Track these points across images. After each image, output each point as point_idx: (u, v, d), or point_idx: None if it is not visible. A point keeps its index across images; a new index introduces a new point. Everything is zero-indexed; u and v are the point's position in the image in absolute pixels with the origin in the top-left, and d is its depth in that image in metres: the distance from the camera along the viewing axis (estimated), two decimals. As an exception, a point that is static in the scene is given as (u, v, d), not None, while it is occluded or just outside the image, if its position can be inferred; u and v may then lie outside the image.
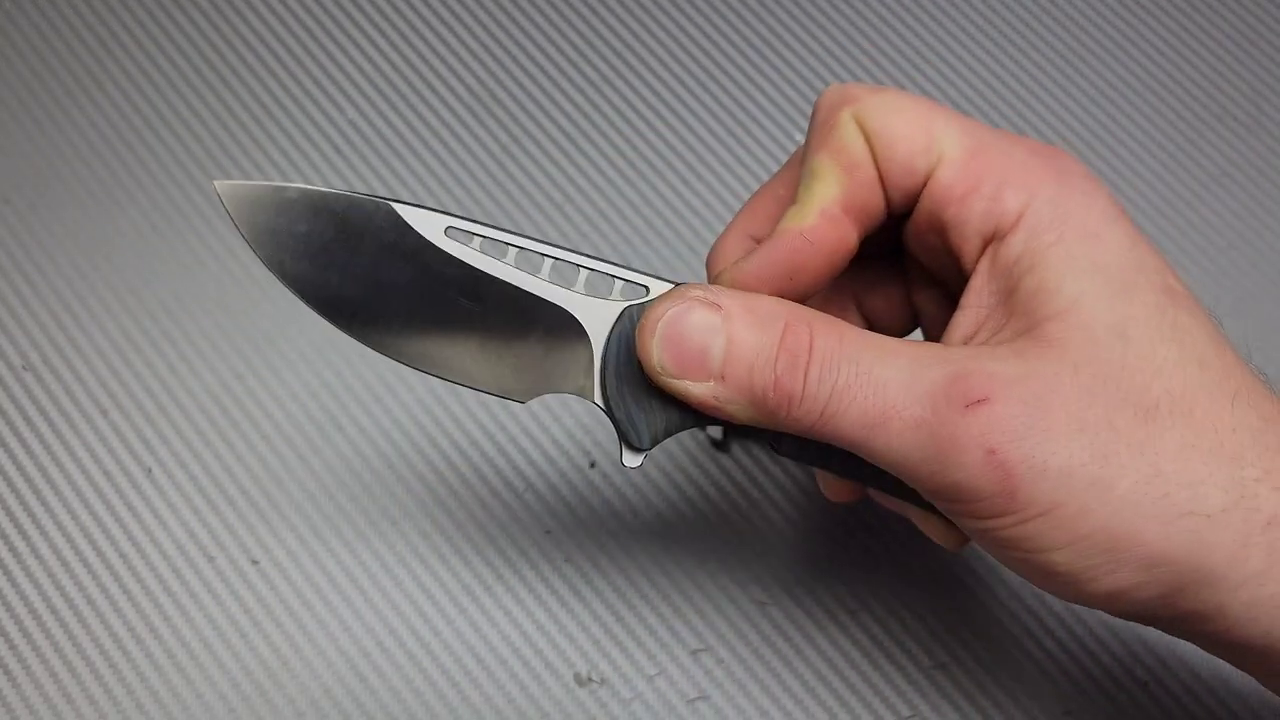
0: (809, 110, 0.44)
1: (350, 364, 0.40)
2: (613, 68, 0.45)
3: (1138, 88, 0.45)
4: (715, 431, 0.38)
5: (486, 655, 0.36)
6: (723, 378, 0.24)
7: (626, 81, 0.45)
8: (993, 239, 0.25)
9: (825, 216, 0.26)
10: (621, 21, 0.46)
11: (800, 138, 0.44)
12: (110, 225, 0.42)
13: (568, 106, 0.44)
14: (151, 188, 0.42)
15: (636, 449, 0.27)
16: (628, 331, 0.26)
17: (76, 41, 0.45)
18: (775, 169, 0.43)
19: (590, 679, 0.36)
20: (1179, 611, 0.24)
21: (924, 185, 0.26)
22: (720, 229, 0.42)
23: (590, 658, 0.36)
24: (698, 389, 0.25)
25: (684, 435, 0.39)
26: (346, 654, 0.36)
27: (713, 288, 0.25)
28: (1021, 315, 0.24)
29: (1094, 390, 0.23)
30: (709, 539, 0.38)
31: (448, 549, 0.37)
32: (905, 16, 0.46)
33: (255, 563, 0.37)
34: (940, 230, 0.26)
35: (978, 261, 0.25)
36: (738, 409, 0.25)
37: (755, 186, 0.43)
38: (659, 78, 0.45)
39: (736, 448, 0.39)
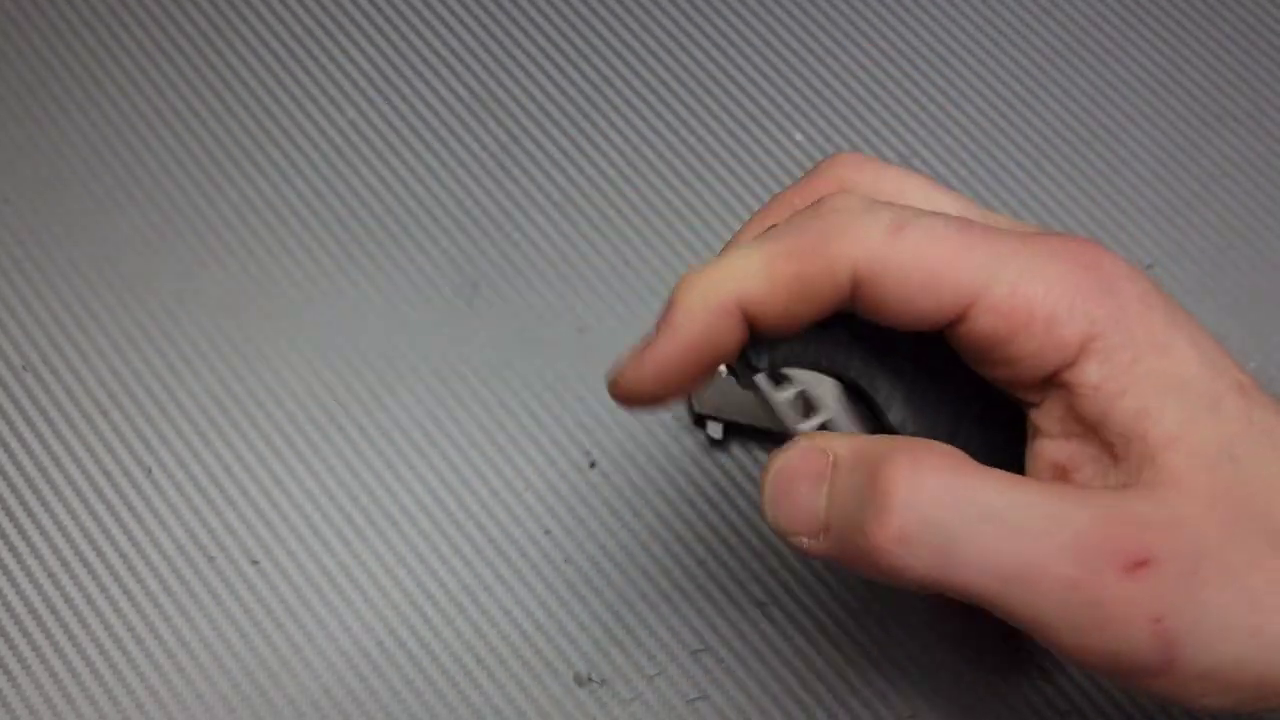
0: (810, 110, 0.44)
1: (350, 365, 0.40)
2: (613, 68, 0.45)
3: (1137, 87, 0.45)
4: (715, 431, 0.38)
5: (486, 655, 0.36)
6: (828, 529, 0.23)
7: (626, 81, 0.45)
8: (1057, 372, 0.23)
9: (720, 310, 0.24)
10: (621, 21, 0.46)
11: (800, 137, 0.44)
12: (110, 225, 0.42)
13: (568, 106, 0.44)
14: (152, 188, 0.42)
15: (753, 366, 0.25)
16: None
17: (77, 41, 0.45)
18: (775, 169, 0.43)
19: (590, 679, 0.36)
20: None
21: (951, 322, 0.23)
22: (720, 229, 0.42)
23: (590, 658, 0.36)
24: (809, 545, 0.24)
25: (683, 435, 0.39)
26: (346, 654, 0.36)
27: (828, 434, 0.24)
28: (1127, 443, 0.22)
29: (1234, 530, 0.21)
30: (709, 539, 0.38)
31: (447, 549, 0.37)
32: (905, 16, 0.46)
33: (255, 563, 0.37)
34: (989, 364, 0.24)
35: (1044, 391, 0.23)
36: (851, 563, 0.23)
37: (755, 187, 0.43)
38: (659, 77, 0.45)
39: (736, 447, 0.39)
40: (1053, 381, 0.23)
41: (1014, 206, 0.43)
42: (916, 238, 0.23)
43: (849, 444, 0.23)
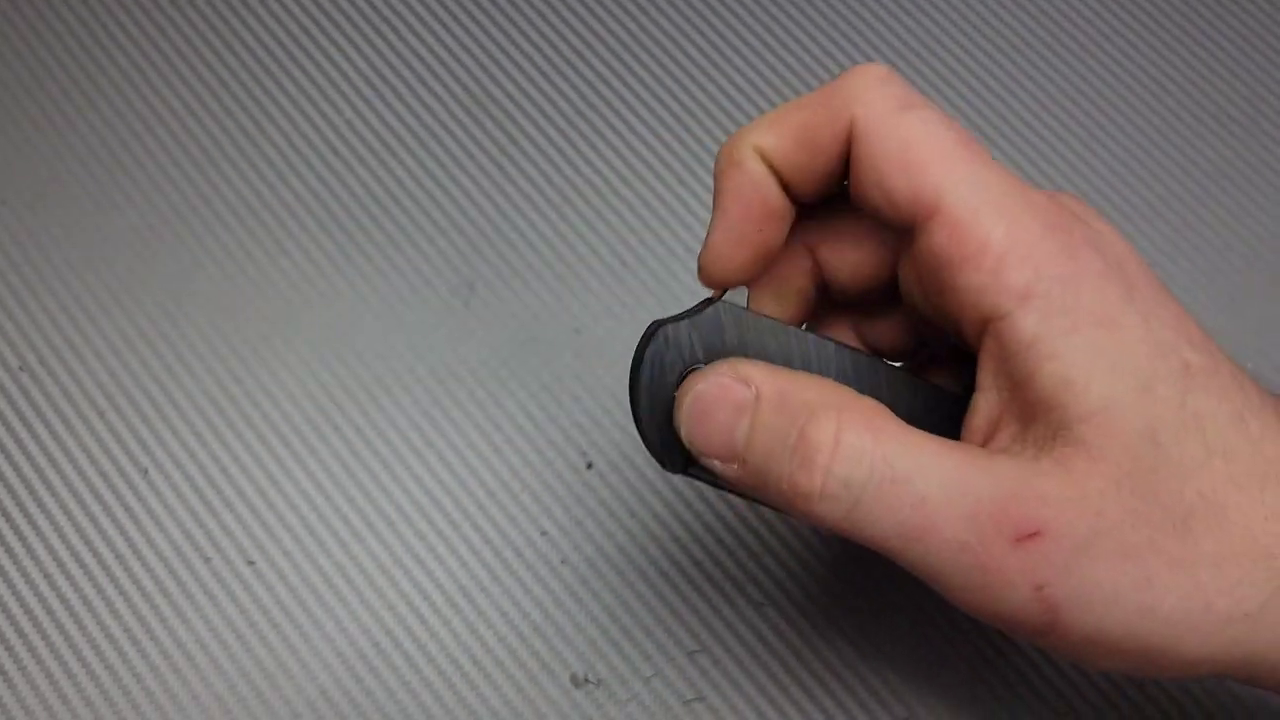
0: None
1: (347, 365, 0.40)
2: (610, 68, 0.45)
3: (1134, 87, 0.45)
4: None
5: (483, 657, 0.36)
6: (745, 462, 0.24)
7: (623, 81, 0.45)
8: (993, 318, 0.23)
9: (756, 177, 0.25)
10: (619, 21, 0.46)
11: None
12: (107, 226, 0.42)
13: (564, 107, 0.44)
14: (149, 188, 0.42)
15: (671, 472, 0.26)
16: (662, 352, 0.26)
17: (74, 41, 0.45)
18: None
19: (587, 680, 0.36)
20: (1223, 678, 0.24)
21: (914, 230, 0.24)
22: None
23: (587, 659, 0.36)
24: (722, 468, 0.24)
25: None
26: (343, 655, 0.36)
27: (749, 364, 0.24)
28: (1047, 411, 0.22)
29: (1137, 510, 0.22)
30: (705, 540, 0.38)
31: (444, 550, 0.37)
32: (904, 17, 0.46)
33: (252, 564, 0.37)
34: (935, 291, 0.24)
35: (981, 337, 0.23)
36: (762, 495, 0.24)
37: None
38: (656, 78, 0.45)
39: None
40: (988, 330, 0.23)
41: (1011, 207, 0.43)
42: (918, 121, 0.23)
43: (772, 381, 0.24)
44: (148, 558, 0.37)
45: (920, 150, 0.23)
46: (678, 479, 0.38)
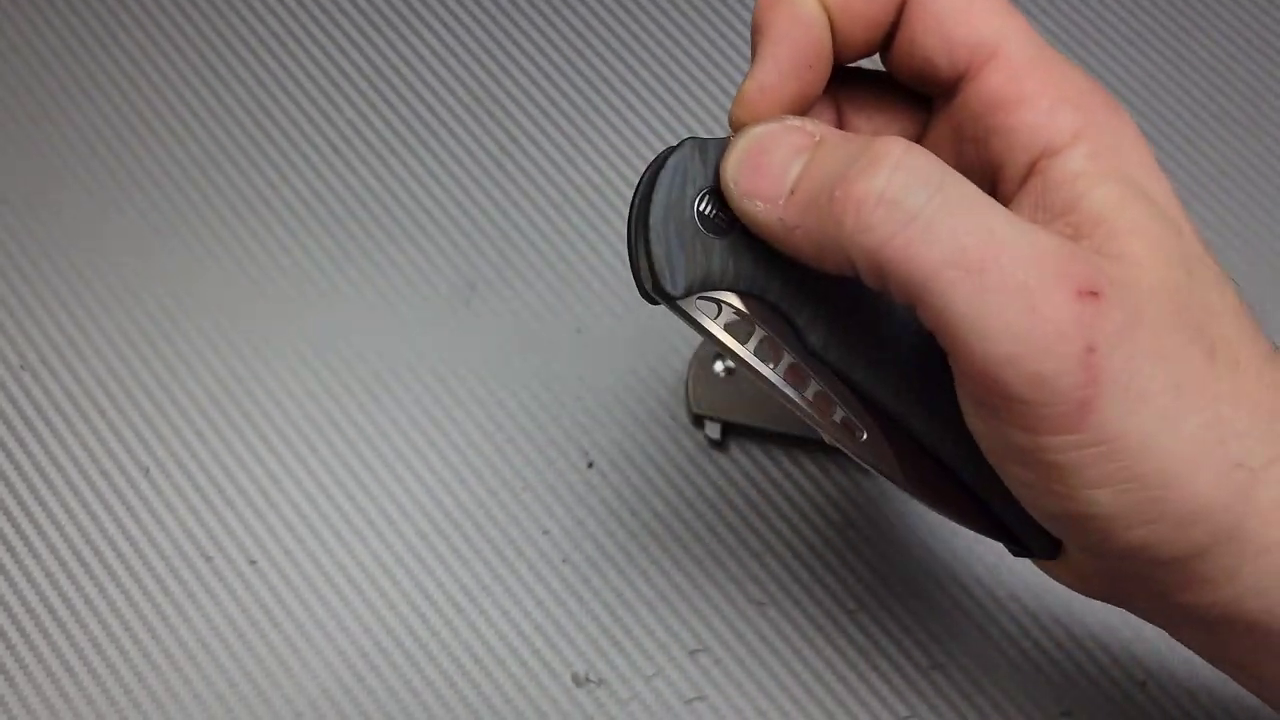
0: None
1: (348, 364, 0.40)
2: (610, 67, 0.45)
3: (1136, 87, 0.45)
4: (713, 431, 0.38)
5: (484, 656, 0.36)
6: (792, 193, 0.22)
7: (624, 81, 0.45)
8: (1042, 155, 0.23)
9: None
10: (620, 21, 0.46)
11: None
12: (108, 225, 0.42)
13: (565, 106, 0.44)
14: (150, 187, 0.42)
15: (668, 294, 0.24)
16: (687, 161, 0.24)
17: (74, 40, 0.45)
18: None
19: (588, 679, 0.36)
20: (1189, 576, 0.22)
21: (962, 81, 0.24)
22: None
23: (588, 658, 0.36)
24: (764, 213, 0.23)
25: (682, 436, 0.39)
26: (344, 654, 0.36)
27: (814, 121, 0.24)
28: (1094, 227, 0.22)
29: (1174, 316, 0.22)
30: (707, 539, 0.38)
31: (445, 549, 0.37)
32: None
33: (253, 563, 0.37)
34: (982, 136, 0.24)
35: (1028, 175, 0.23)
36: (798, 234, 0.22)
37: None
38: (657, 77, 0.45)
39: (735, 448, 0.39)
40: (1035, 169, 0.23)
41: (1012, 206, 0.43)
42: None
43: (834, 130, 0.23)
44: (149, 556, 0.37)
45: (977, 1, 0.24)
46: (678, 478, 0.38)
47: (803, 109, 0.25)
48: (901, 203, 0.21)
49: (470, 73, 0.45)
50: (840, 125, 0.27)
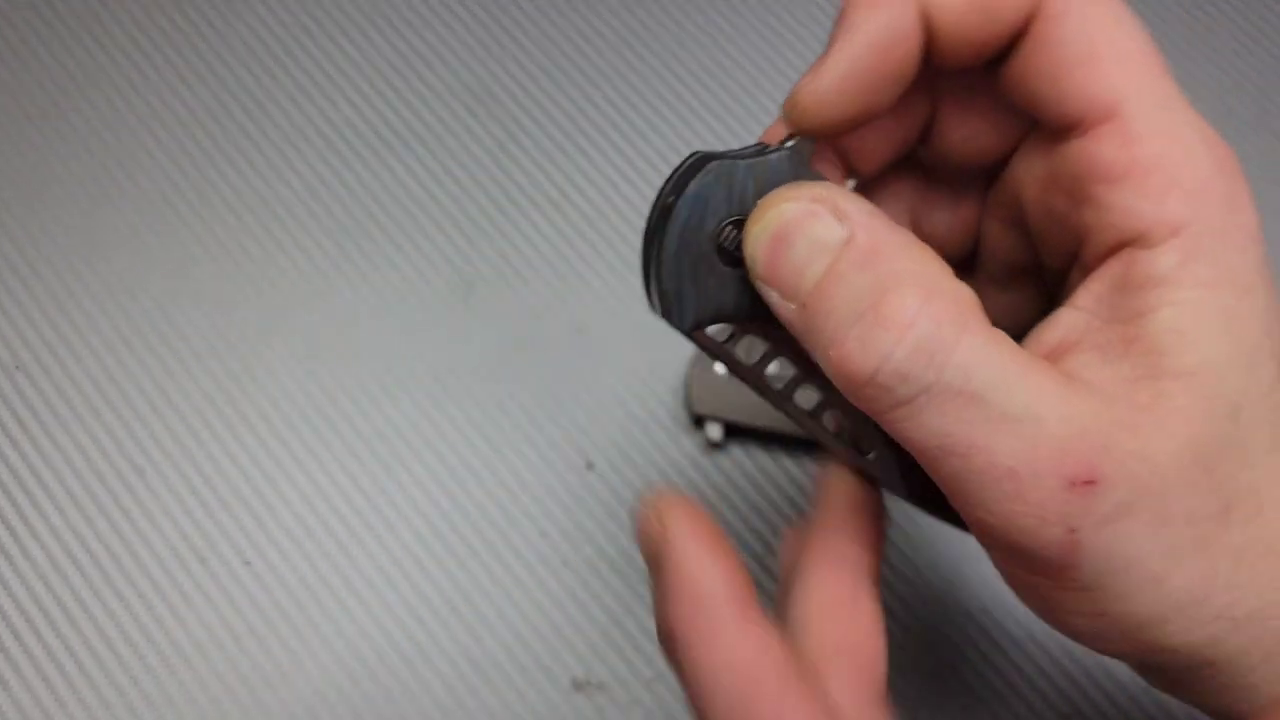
0: (809, 108, 0.44)
1: (345, 364, 0.40)
2: (610, 64, 0.45)
3: (1141, 86, 0.45)
4: (714, 432, 0.38)
5: (482, 660, 0.36)
6: (805, 306, 0.21)
7: (624, 78, 0.45)
8: (1132, 240, 0.21)
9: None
10: (619, 18, 0.46)
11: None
12: (103, 223, 0.41)
13: (564, 103, 0.44)
14: (145, 185, 0.42)
15: (676, 326, 0.23)
16: (710, 190, 0.22)
17: (70, 38, 0.44)
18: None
19: (588, 683, 0.36)
20: (1174, 683, 0.23)
21: (1072, 132, 0.22)
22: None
23: (587, 662, 0.36)
24: (778, 305, 0.22)
25: (682, 436, 0.39)
26: (340, 657, 0.36)
27: (848, 197, 0.22)
28: (1144, 353, 0.21)
29: (1194, 481, 0.21)
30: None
31: (443, 551, 0.37)
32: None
33: (248, 564, 0.37)
34: (1075, 199, 0.22)
35: (1105, 259, 0.22)
36: (807, 343, 0.22)
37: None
38: (657, 74, 0.45)
39: (735, 449, 0.39)
40: (1119, 254, 0.21)
41: (1016, 206, 0.43)
42: (1110, 13, 0.22)
43: (869, 228, 0.21)
44: (144, 558, 0.37)
45: (1109, 46, 0.22)
46: (679, 480, 0.38)
47: (867, 118, 0.23)
48: (892, 388, 0.20)
49: (469, 70, 0.44)
50: (933, 123, 0.25)
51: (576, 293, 0.41)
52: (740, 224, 0.22)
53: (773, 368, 0.25)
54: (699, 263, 0.23)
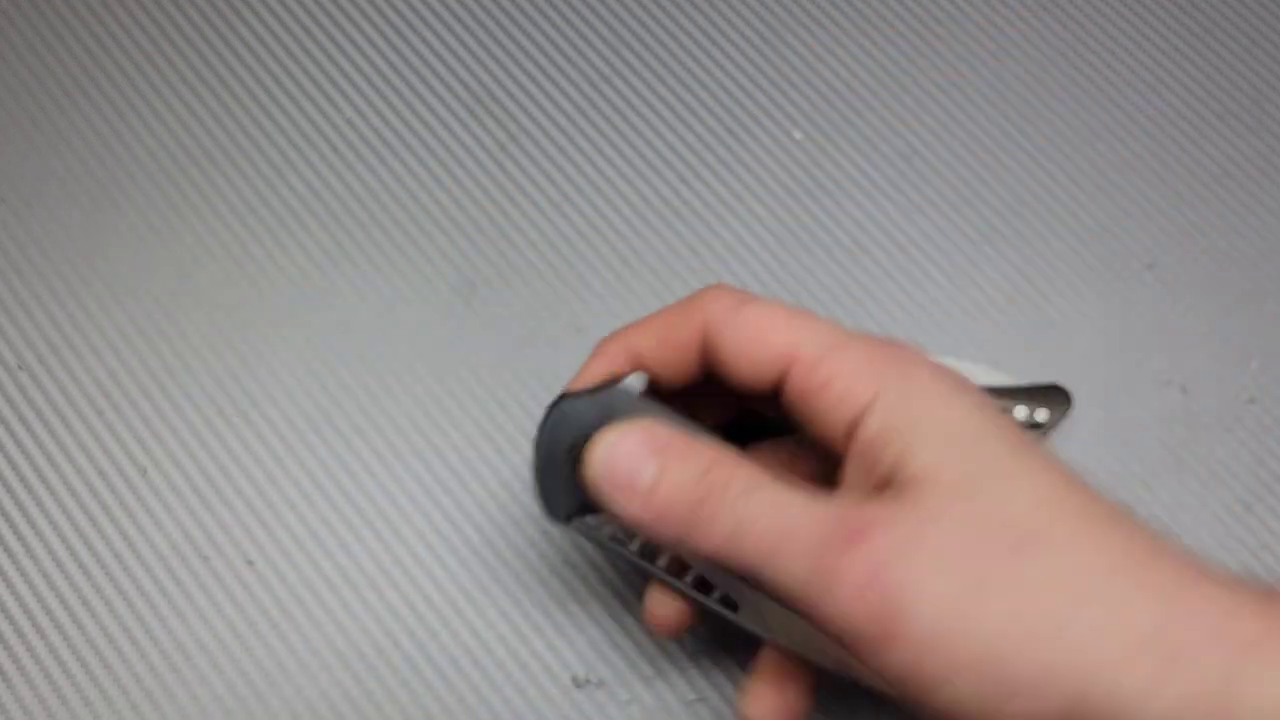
0: (809, 109, 0.44)
1: (346, 364, 0.40)
2: (611, 66, 0.45)
3: (1139, 86, 0.45)
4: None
5: (483, 658, 0.36)
6: (648, 500, 0.27)
7: (625, 79, 0.45)
8: (851, 426, 0.27)
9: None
10: (619, 19, 0.46)
11: (800, 135, 0.44)
12: (106, 224, 0.42)
13: (565, 105, 0.44)
14: (148, 186, 0.42)
15: (554, 520, 0.31)
16: (560, 422, 0.30)
17: (72, 39, 0.45)
18: (774, 168, 0.43)
19: (588, 681, 0.36)
20: None
21: (777, 381, 0.29)
22: (719, 228, 0.42)
23: (587, 660, 0.36)
24: (625, 508, 0.28)
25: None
26: (342, 656, 0.36)
27: (650, 425, 0.28)
28: (885, 483, 0.26)
29: (965, 527, 0.24)
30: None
31: (444, 550, 0.37)
32: (906, 16, 0.46)
33: (251, 563, 0.37)
34: (807, 422, 0.29)
35: (849, 440, 0.27)
36: (658, 528, 0.27)
37: (754, 186, 0.43)
38: (657, 75, 0.45)
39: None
40: (851, 436, 0.27)
41: (1013, 206, 0.43)
42: (753, 311, 0.29)
43: (678, 441, 0.28)
44: (146, 557, 0.37)
45: (767, 325, 0.29)
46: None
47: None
48: (729, 519, 0.26)
49: (470, 71, 0.45)
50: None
51: (577, 293, 0.41)
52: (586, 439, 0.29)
53: (634, 545, 0.32)
54: (558, 473, 0.30)
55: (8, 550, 0.37)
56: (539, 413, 0.39)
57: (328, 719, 0.35)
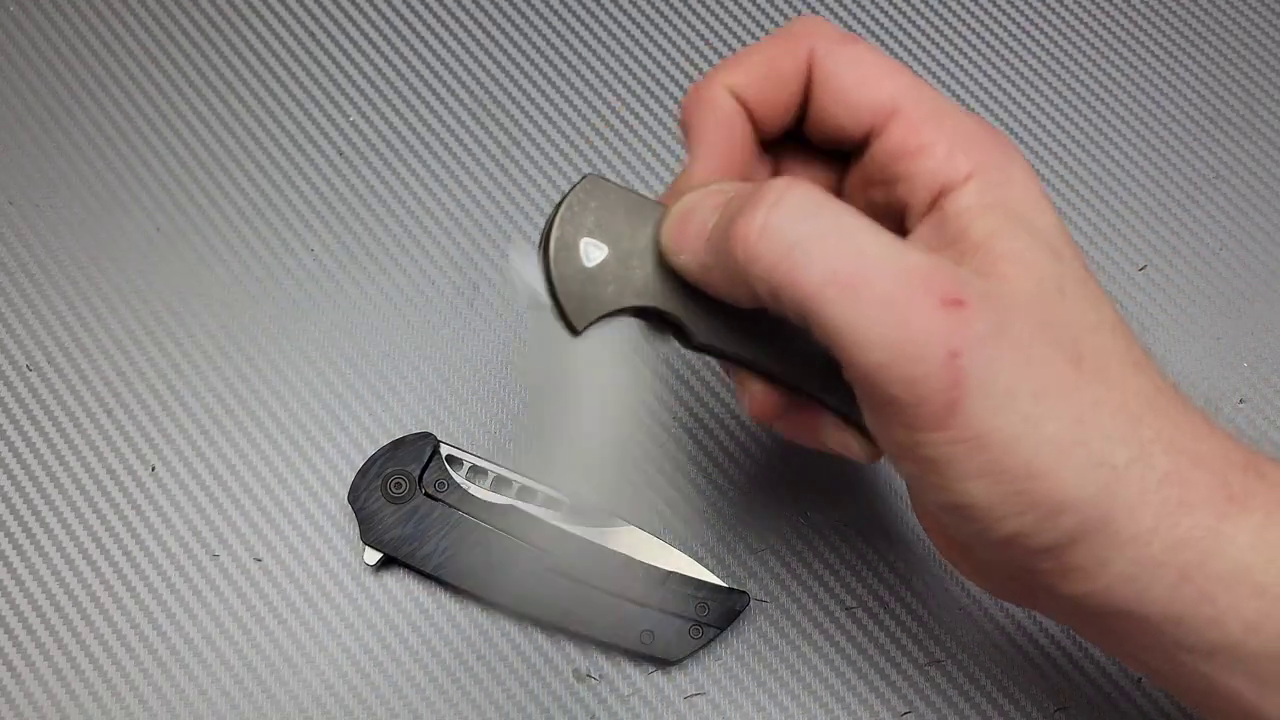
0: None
1: (352, 364, 0.40)
2: (612, 71, 0.45)
3: (1131, 90, 0.45)
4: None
5: (486, 651, 0.36)
6: (709, 240, 0.25)
7: (625, 85, 0.45)
8: (940, 194, 0.26)
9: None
10: (621, 26, 0.46)
11: (798, 139, 0.44)
12: (114, 226, 0.42)
13: (568, 109, 0.44)
14: (155, 189, 0.43)
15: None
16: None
17: (81, 43, 0.45)
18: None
19: (589, 675, 0.36)
20: (1065, 566, 0.24)
21: (870, 137, 0.27)
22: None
23: (589, 654, 0.37)
24: (687, 261, 0.26)
25: (682, 436, 0.39)
26: (349, 650, 0.36)
27: (734, 183, 0.26)
28: (975, 252, 0.25)
29: (1041, 329, 0.24)
30: (707, 536, 0.38)
31: (449, 547, 0.38)
32: (900, 19, 0.46)
33: (258, 560, 0.37)
34: (890, 182, 0.27)
35: (928, 212, 0.26)
36: (714, 273, 0.26)
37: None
38: (657, 80, 0.45)
39: (735, 449, 0.39)
40: (935, 204, 0.26)
41: (1009, 208, 0.43)
42: (858, 51, 0.27)
43: (747, 184, 0.26)
44: (155, 554, 0.37)
45: (873, 69, 0.27)
46: (679, 477, 0.39)
47: (740, 170, 0.28)
48: (780, 232, 0.24)
49: (473, 76, 0.45)
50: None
51: (578, 294, 0.41)
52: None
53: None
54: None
55: (18, 548, 0.37)
56: (541, 411, 0.39)
57: (334, 713, 0.36)
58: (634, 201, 0.27)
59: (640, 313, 0.28)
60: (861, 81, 0.27)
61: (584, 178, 0.27)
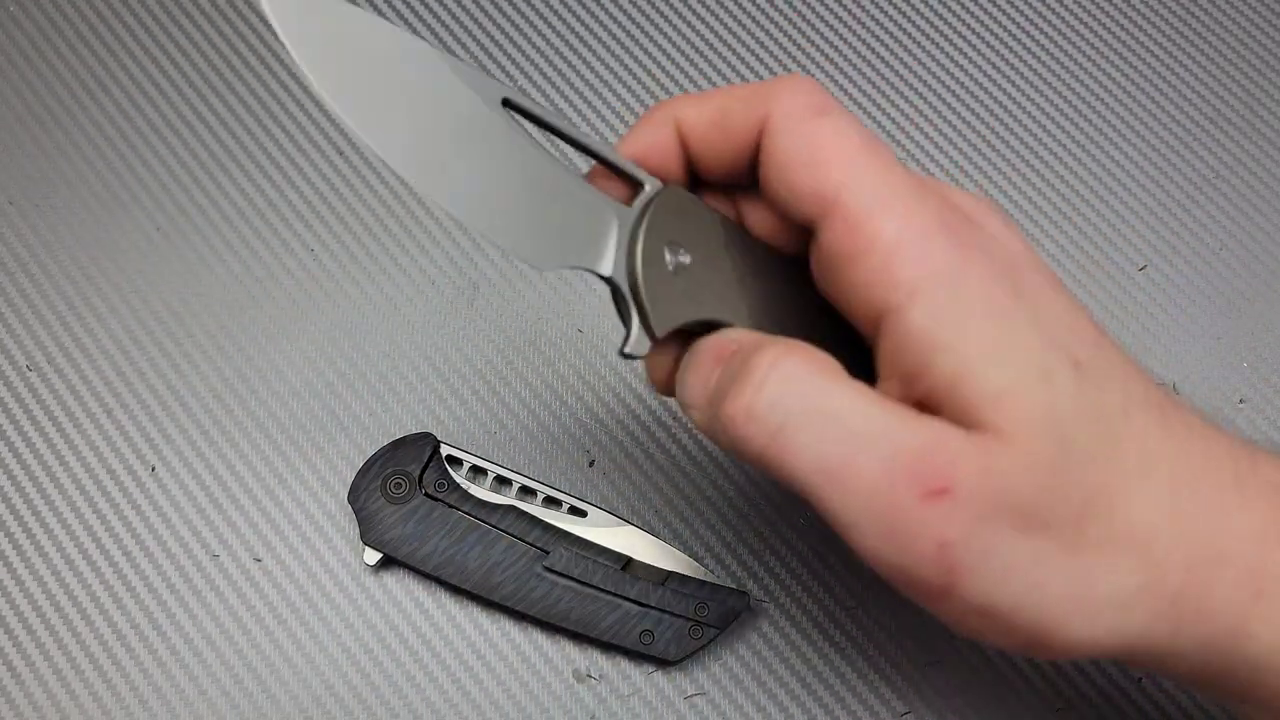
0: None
1: (352, 363, 0.40)
2: (611, 70, 0.45)
3: (1132, 90, 0.45)
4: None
5: (487, 651, 0.37)
6: (710, 403, 0.25)
7: (625, 84, 0.45)
8: (884, 311, 0.23)
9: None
10: (620, 25, 0.46)
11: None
12: (114, 226, 0.42)
13: (567, 109, 0.44)
14: (156, 189, 0.43)
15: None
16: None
17: (80, 44, 0.45)
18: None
19: (589, 675, 0.36)
20: (1131, 662, 0.25)
21: (814, 221, 0.24)
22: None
23: (589, 654, 0.37)
24: (696, 418, 0.26)
25: (681, 435, 0.39)
26: (349, 650, 0.36)
27: (741, 330, 0.26)
28: (947, 401, 0.23)
29: (1042, 491, 0.22)
30: (707, 537, 0.38)
31: (449, 547, 0.38)
32: (901, 20, 0.46)
33: (258, 560, 0.37)
34: (833, 286, 0.25)
35: (879, 329, 0.24)
36: (715, 433, 0.25)
37: (753, 188, 0.43)
38: (656, 80, 0.45)
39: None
40: (881, 324, 0.23)
41: (1009, 208, 0.43)
42: (828, 125, 0.24)
43: (752, 336, 0.25)
44: (155, 554, 0.37)
45: (824, 151, 0.24)
46: (679, 477, 0.39)
47: (659, 171, 0.27)
48: (766, 417, 0.23)
49: (473, 75, 0.45)
50: (738, 220, 0.28)
51: (577, 294, 0.42)
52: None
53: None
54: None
55: (18, 549, 0.37)
56: (542, 413, 0.40)
57: (335, 713, 0.36)
58: (707, 214, 0.27)
59: (711, 326, 0.27)
60: (809, 163, 0.24)
61: (664, 187, 0.26)
